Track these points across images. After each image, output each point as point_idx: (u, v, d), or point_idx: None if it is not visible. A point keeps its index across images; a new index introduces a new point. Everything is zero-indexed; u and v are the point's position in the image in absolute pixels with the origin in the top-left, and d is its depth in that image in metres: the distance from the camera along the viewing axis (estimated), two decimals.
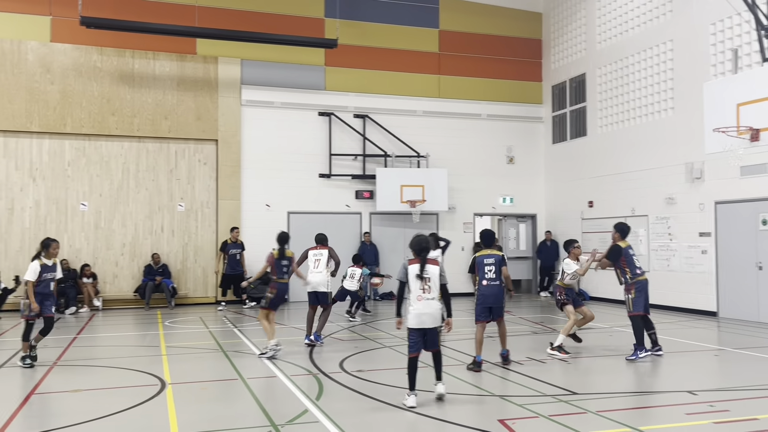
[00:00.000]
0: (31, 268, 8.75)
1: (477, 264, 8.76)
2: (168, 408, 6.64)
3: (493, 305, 8.64)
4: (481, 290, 8.67)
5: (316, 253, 11.05)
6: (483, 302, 8.65)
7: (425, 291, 6.80)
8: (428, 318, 6.77)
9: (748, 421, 6.00)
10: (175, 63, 17.14)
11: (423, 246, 7.04)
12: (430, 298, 6.81)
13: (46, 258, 8.89)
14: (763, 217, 12.90)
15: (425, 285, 6.81)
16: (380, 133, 18.77)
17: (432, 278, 6.85)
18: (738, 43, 13.30)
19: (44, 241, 9.08)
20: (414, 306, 6.79)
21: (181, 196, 17.14)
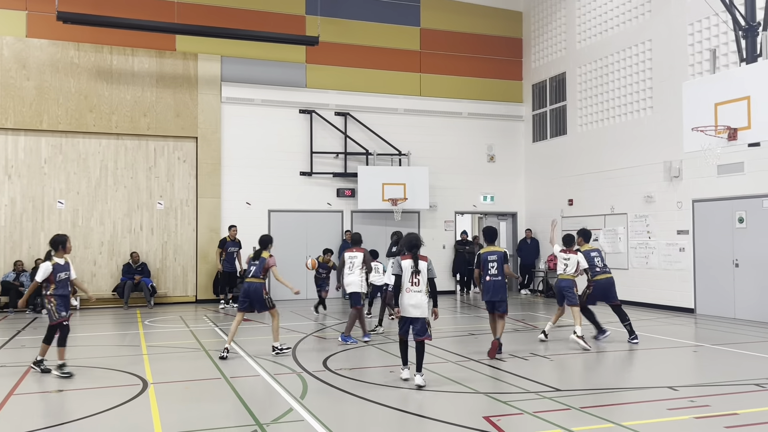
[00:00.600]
0: (42, 268, 8.11)
1: (482, 261, 9.21)
2: (151, 408, 6.57)
3: (495, 299, 9.19)
4: (485, 285, 9.18)
5: (351, 255, 11.31)
6: (489, 296, 9.20)
7: (414, 284, 7.50)
8: (414, 309, 7.48)
9: (728, 416, 6.09)
10: (154, 59, 16.95)
11: (414, 243, 7.72)
12: (418, 291, 7.50)
13: (57, 257, 8.24)
14: (739, 215, 13.11)
15: (415, 279, 7.50)
16: (362, 131, 18.74)
17: (422, 272, 7.53)
18: (716, 44, 13.49)
19: (56, 237, 8.35)
20: (403, 297, 7.52)
21: (160, 194, 16.96)
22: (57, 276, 8.14)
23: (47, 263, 8.14)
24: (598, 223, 16.94)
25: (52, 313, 8.09)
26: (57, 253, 8.26)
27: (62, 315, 8.12)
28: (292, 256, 17.89)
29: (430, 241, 18.68)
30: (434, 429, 5.88)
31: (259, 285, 9.61)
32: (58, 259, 8.23)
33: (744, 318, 12.88)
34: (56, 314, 8.09)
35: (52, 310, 8.10)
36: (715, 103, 10.75)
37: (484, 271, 9.21)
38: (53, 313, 8.09)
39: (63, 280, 8.21)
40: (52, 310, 8.10)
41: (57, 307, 8.09)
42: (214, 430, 5.84)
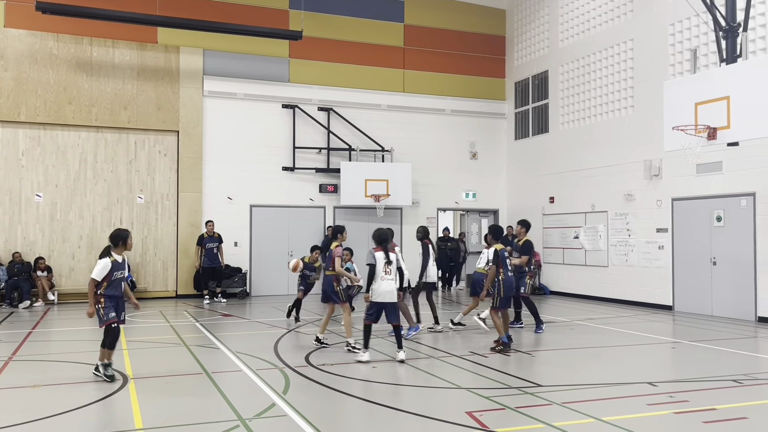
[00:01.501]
0: (100, 265, 7.34)
1: (501, 257, 9.36)
2: (131, 403, 6.50)
3: (509, 295, 9.52)
4: (507, 281, 9.37)
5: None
6: (509, 291, 9.40)
7: (387, 273, 8.50)
8: (388, 294, 8.47)
9: (706, 411, 6.18)
10: (135, 52, 16.75)
11: (384, 237, 8.69)
12: (391, 278, 8.51)
13: (117, 253, 7.48)
14: (717, 214, 13.28)
15: (388, 268, 8.52)
16: (345, 126, 18.70)
17: (393, 262, 8.59)
18: (696, 44, 13.64)
19: (118, 232, 7.56)
20: (378, 284, 8.47)
21: (140, 187, 16.79)
22: (113, 275, 7.42)
23: (106, 260, 7.38)
24: (579, 221, 17.08)
25: (100, 315, 7.39)
26: (116, 250, 7.50)
27: (111, 317, 7.39)
28: (274, 251, 17.85)
29: (412, 237, 18.74)
30: (417, 424, 5.89)
31: (330, 277, 9.51)
32: (117, 256, 7.48)
33: (721, 315, 13.07)
34: (104, 316, 7.39)
35: (99, 313, 7.39)
36: (695, 103, 10.88)
37: (504, 267, 9.34)
38: (100, 315, 7.39)
39: (117, 280, 7.48)
40: (100, 311, 7.39)
41: (105, 308, 7.38)
42: (195, 426, 5.80)
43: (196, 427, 5.76)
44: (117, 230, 7.63)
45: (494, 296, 9.34)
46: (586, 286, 16.73)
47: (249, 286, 17.44)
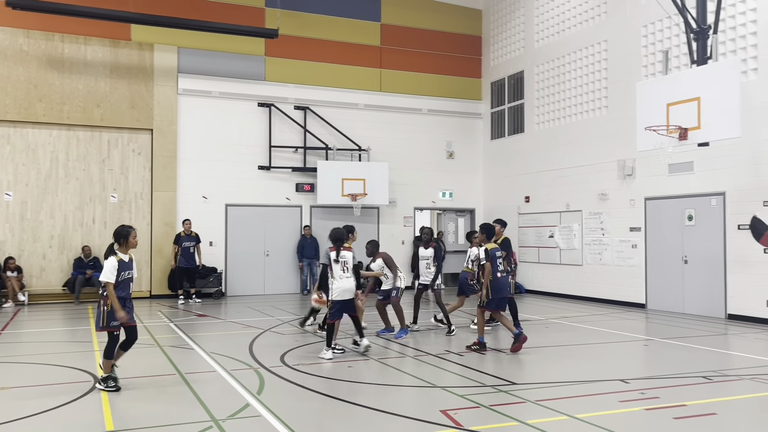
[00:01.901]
0: (109, 265, 6.82)
1: (492, 257, 9.18)
2: (102, 404, 6.41)
3: (505, 295, 9.40)
4: (497, 282, 9.19)
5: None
6: (500, 293, 9.23)
7: (344, 271, 8.75)
8: (347, 292, 8.74)
9: (676, 407, 6.27)
10: (108, 49, 16.51)
11: (338, 237, 8.91)
12: (348, 276, 8.76)
13: (122, 252, 6.99)
14: (688, 213, 13.49)
15: (343, 267, 8.75)
16: (321, 125, 18.64)
17: (348, 261, 8.76)
18: (668, 45, 13.83)
19: (120, 229, 7.06)
20: (337, 283, 8.70)
21: (113, 186, 16.57)
22: (120, 275, 6.88)
23: (113, 259, 6.86)
24: (554, 220, 17.23)
25: (101, 318, 6.89)
26: (121, 248, 6.99)
27: (113, 325, 6.88)
28: (250, 251, 17.74)
29: (389, 236, 18.79)
30: (392, 423, 5.89)
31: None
32: (123, 255, 6.97)
33: (692, 313, 13.27)
34: (107, 321, 6.88)
35: (101, 314, 6.90)
36: (667, 104, 11.06)
37: (494, 267, 9.15)
38: (102, 317, 6.89)
39: (125, 280, 6.97)
40: (102, 314, 6.89)
41: (110, 313, 6.85)
42: (167, 427, 5.73)
43: (168, 428, 5.70)
44: (119, 227, 7.15)
45: (482, 295, 9.26)
46: (561, 285, 16.89)
47: (224, 286, 17.31)
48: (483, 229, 9.59)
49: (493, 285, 9.15)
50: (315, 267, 18.08)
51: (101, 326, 6.93)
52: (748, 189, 12.23)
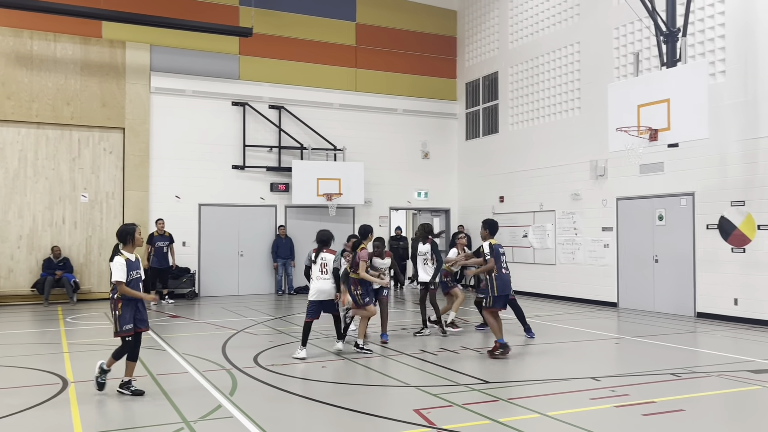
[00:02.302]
0: (117, 265, 6.49)
1: (496, 253, 8.86)
2: (71, 407, 6.31)
3: (509, 293, 9.07)
4: (502, 279, 8.86)
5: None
6: (504, 290, 8.88)
7: (322, 273, 8.75)
8: (323, 294, 8.72)
9: (646, 404, 6.36)
10: (78, 46, 16.26)
11: (322, 239, 8.95)
12: (325, 278, 8.72)
13: (127, 251, 6.70)
14: (659, 213, 13.70)
15: (321, 268, 8.77)
16: (296, 125, 18.57)
17: (327, 263, 8.74)
18: (639, 48, 14.03)
19: (125, 228, 6.75)
20: (313, 284, 8.81)
21: (84, 186, 16.31)
22: (129, 274, 6.57)
23: (120, 258, 6.54)
24: (528, 220, 17.37)
25: (115, 324, 6.59)
26: (126, 247, 6.69)
27: (126, 329, 6.60)
28: (224, 251, 17.60)
29: None
30: (365, 423, 5.89)
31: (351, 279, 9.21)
32: (129, 254, 6.67)
33: (662, 311, 13.48)
34: (120, 326, 6.57)
35: (115, 320, 6.57)
36: (637, 105, 11.23)
37: (497, 264, 8.82)
38: (116, 323, 6.59)
39: (135, 280, 6.66)
40: (116, 320, 6.57)
41: (122, 316, 6.56)
42: (137, 429, 5.67)
43: (139, 430, 5.63)
44: (123, 226, 6.82)
45: (487, 295, 8.92)
46: (535, 284, 17.03)
47: (198, 287, 17.15)
48: (487, 224, 9.22)
49: (499, 282, 8.82)
50: (290, 267, 18.02)
51: (115, 331, 6.66)
52: (716, 189, 12.46)
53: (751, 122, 11.84)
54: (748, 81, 11.94)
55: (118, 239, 6.77)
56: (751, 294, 11.85)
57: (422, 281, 10.82)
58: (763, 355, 8.89)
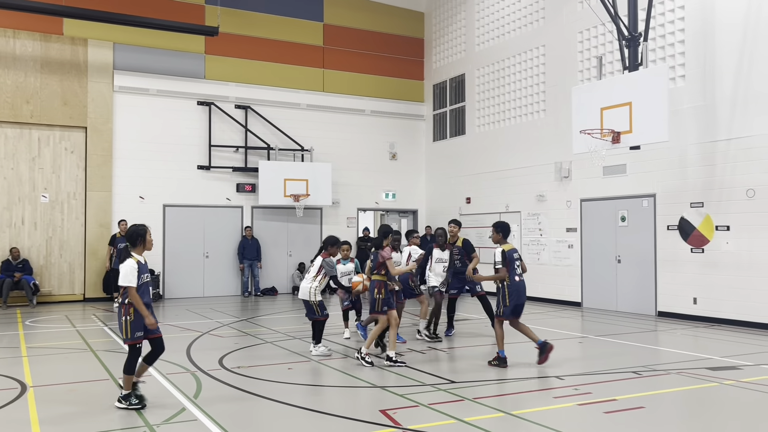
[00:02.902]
0: (128, 268, 6.09)
1: (509, 259, 8.26)
2: (30, 412, 6.16)
3: (524, 301, 8.41)
4: (516, 286, 8.25)
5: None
6: (519, 299, 8.28)
7: (308, 273, 8.99)
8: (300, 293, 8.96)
9: (608, 402, 6.47)
10: (38, 43, 15.90)
11: (325, 243, 9.01)
12: (307, 280, 8.89)
13: (137, 253, 6.31)
14: (621, 214, 13.95)
15: (309, 269, 9.03)
16: (263, 125, 18.44)
17: (314, 266, 8.90)
18: (603, 51, 14.28)
19: (134, 229, 6.36)
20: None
21: (44, 186, 15.95)
22: (139, 278, 6.20)
23: (131, 261, 6.15)
24: (494, 221, 17.48)
25: (125, 329, 6.16)
26: (136, 249, 6.31)
27: (137, 336, 6.21)
28: (189, 253, 17.38)
29: None
30: (331, 424, 5.87)
31: (374, 282, 8.49)
32: (138, 257, 6.28)
33: (624, 310, 13.73)
34: (131, 332, 6.16)
35: (126, 326, 6.14)
36: (601, 108, 11.41)
37: (511, 270, 8.23)
38: (125, 329, 6.15)
39: (145, 284, 6.31)
40: (125, 324, 6.14)
41: (134, 323, 6.16)
42: None
43: None
44: (133, 227, 6.41)
45: (499, 304, 8.33)
46: None
47: (162, 289, 16.91)
48: (499, 227, 8.53)
49: (512, 290, 8.21)
50: (256, 269, 17.88)
51: (125, 338, 6.19)
52: (676, 191, 12.74)
53: (710, 126, 12.15)
54: (706, 85, 12.24)
55: (127, 241, 6.37)
56: (710, 293, 12.15)
57: (435, 286, 10.58)
58: (721, 353, 9.12)
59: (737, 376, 7.60)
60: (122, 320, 6.18)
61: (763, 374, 7.76)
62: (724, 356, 8.88)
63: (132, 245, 6.34)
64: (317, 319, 8.96)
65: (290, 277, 18.75)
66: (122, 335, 6.22)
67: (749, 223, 11.51)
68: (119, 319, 6.25)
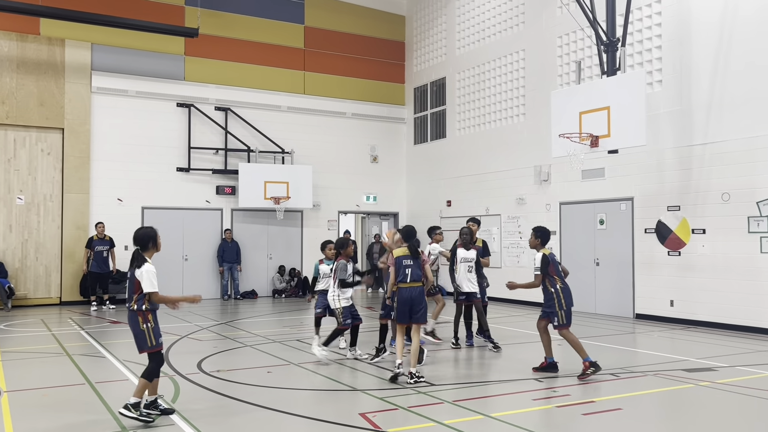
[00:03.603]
0: (151, 273, 5.84)
1: (552, 262, 7.91)
2: (3, 417, 6.06)
3: (572, 305, 8.02)
4: (567, 289, 7.91)
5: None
6: (571, 301, 7.95)
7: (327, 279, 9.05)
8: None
9: (586, 403, 6.53)
10: (14, 43, 15.68)
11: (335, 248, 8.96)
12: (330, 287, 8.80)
13: (148, 256, 6.03)
14: (600, 217, 14.09)
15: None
16: (243, 127, 18.35)
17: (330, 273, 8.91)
18: (581, 56, 14.42)
19: (145, 231, 6.11)
20: None
21: (20, 188, 15.72)
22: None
23: (150, 266, 5.88)
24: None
25: (148, 337, 5.85)
26: (147, 252, 6.03)
27: (160, 342, 5.96)
28: (167, 255, 17.15)
29: (313, 239, 18.67)
30: (310, 428, 5.86)
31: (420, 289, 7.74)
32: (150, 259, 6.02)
33: (603, 313, 13.86)
34: (154, 339, 5.88)
35: (148, 333, 5.85)
36: (579, 112, 11.52)
37: (558, 274, 7.90)
38: (149, 336, 5.85)
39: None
40: (149, 332, 5.85)
41: (155, 329, 5.89)
42: None
43: None
44: (143, 230, 6.14)
45: (557, 313, 7.80)
46: None
47: None
48: (539, 232, 8.05)
49: (565, 293, 7.86)
50: (236, 272, 17.77)
51: (150, 346, 5.86)
52: (653, 195, 12.90)
53: (686, 130, 12.32)
54: (682, 90, 12.42)
55: (137, 244, 6.06)
56: (686, 295, 12.31)
57: (467, 292, 9.72)
58: (697, 355, 9.25)
59: (712, 378, 7.71)
60: (143, 328, 5.83)
61: (737, 375, 7.88)
62: (700, 358, 9.00)
63: (143, 248, 6.04)
64: (338, 328, 8.64)
65: (270, 280, 18.66)
66: (145, 344, 5.86)
67: (724, 226, 11.68)
68: (136, 328, 5.85)
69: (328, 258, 9.29)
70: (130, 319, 5.92)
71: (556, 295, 7.86)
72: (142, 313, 5.86)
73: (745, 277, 11.37)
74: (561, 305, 7.82)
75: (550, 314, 7.97)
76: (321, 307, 9.19)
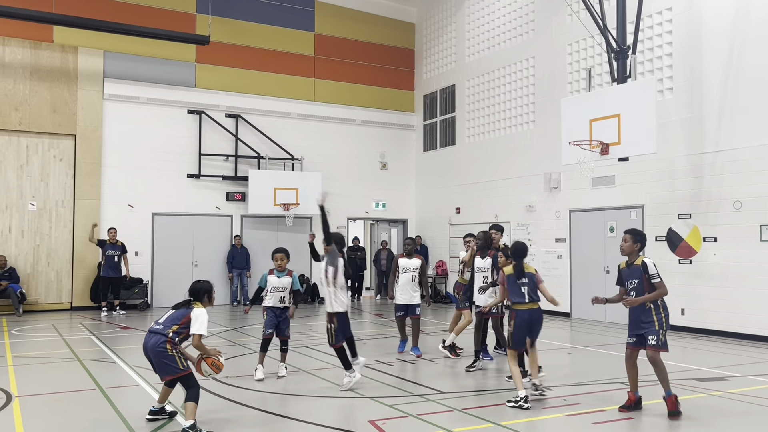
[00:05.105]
0: (204, 317, 6.02)
1: (624, 276, 6.99)
2: (15, 422, 6.09)
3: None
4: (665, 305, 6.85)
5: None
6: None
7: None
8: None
9: (596, 412, 6.49)
10: (28, 50, 15.84)
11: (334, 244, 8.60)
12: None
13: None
14: (610, 225, 14.03)
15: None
16: (253, 134, 18.43)
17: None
18: (592, 63, 14.40)
19: (200, 285, 6.28)
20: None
21: (32, 194, 15.85)
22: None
23: (203, 310, 6.08)
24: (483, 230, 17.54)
25: (180, 361, 5.95)
26: (197, 304, 6.19)
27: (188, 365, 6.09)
28: (178, 261, 17.29)
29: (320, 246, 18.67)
30: None
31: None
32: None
33: (613, 321, 13.78)
34: (183, 362, 5.99)
35: (179, 356, 5.96)
36: (589, 120, 11.50)
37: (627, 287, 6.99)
38: (180, 360, 5.96)
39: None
40: (179, 356, 5.97)
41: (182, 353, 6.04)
42: None
43: None
44: (199, 283, 6.28)
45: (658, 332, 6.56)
46: None
47: (150, 298, 16.80)
48: (638, 236, 6.87)
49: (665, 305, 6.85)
50: (245, 278, 17.81)
51: (182, 369, 5.94)
52: (664, 202, 12.83)
53: (697, 138, 12.27)
54: (693, 98, 12.37)
55: (191, 296, 6.21)
56: (697, 304, 12.22)
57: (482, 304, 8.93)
58: (708, 364, 9.17)
59: (724, 387, 7.65)
60: (172, 353, 5.91)
61: (749, 385, 7.81)
62: (712, 367, 8.93)
63: (198, 300, 6.20)
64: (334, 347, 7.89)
65: None
66: (176, 368, 5.92)
67: (736, 234, 11.61)
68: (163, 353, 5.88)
69: (279, 269, 8.51)
70: (155, 342, 5.90)
71: (656, 311, 6.59)
72: (173, 343, 5.94)
73: (758, 286, 11.28)
74: (662, 323, 6.51)
75: (645, 335, 6.57)
76: (271, 327, 8.27)
